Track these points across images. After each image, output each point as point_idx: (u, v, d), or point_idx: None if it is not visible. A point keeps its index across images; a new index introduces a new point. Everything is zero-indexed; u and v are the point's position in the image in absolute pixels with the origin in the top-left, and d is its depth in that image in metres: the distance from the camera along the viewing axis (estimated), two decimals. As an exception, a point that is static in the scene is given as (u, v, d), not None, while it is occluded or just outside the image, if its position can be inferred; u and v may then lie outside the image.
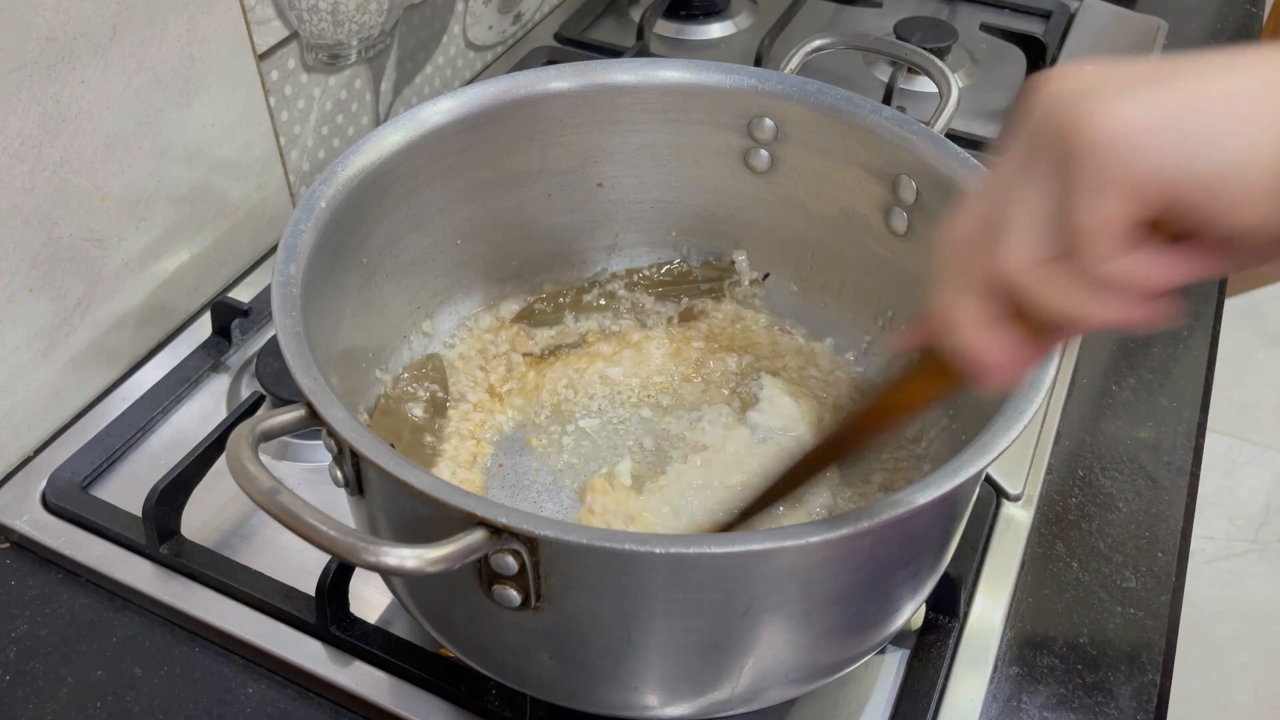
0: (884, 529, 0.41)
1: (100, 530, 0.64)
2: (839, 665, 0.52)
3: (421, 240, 0.63)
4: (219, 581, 0.61)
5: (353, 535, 0.40)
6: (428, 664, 0.57)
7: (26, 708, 0.57)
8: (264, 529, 0.65)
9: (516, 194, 0.66)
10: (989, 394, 0.43)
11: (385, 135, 0.58)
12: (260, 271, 0.84)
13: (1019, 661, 0.59)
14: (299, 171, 0.85)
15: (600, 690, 0.50)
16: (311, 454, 0.69)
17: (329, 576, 0.57)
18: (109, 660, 0.59)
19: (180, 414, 0.72)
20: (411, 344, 0.66)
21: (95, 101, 0.66)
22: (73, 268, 0.69)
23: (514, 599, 0.44)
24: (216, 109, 0.75)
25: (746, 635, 0.45)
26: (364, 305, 0.60)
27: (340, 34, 0.84)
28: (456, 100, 0.61)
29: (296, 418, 0.46)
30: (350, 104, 0.89)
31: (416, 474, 0.42)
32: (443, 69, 1.00)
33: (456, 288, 0.68)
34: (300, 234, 0.52)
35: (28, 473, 0.68)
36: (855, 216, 0.64)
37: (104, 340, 0.73)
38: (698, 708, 0.50)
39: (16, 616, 0.61)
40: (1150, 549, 0.65)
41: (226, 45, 0.74)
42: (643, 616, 0.44)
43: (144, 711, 0.57)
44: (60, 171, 0.65)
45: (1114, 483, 0.69)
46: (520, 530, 0.40)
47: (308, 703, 0.57)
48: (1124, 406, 0.74)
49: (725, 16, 1.12)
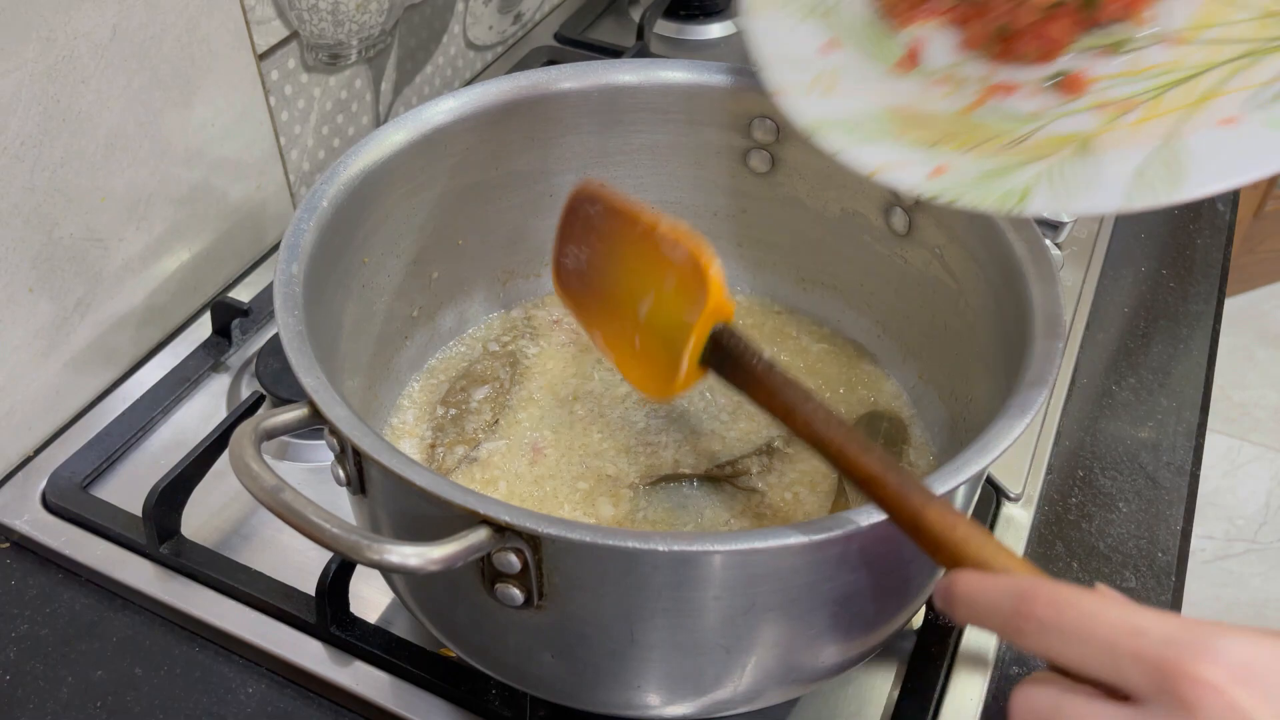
0: (886, 528, 0.41)
1: (100, 530, 0.64)
2: (840, 665, 0.52)
3: (423, 240, 0.63)
4: (219, 581, 0.61)
5: (356, 533, 0.40)
6: (428, 664, 0.57)
7: (26, 708, 0.57)
8: (264, 529, 0.65)
9: (518, 194, 0.66)
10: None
11: (388, 135, 0.58)
12: (260, 271, 0.84)
13: (1019, 661, 0.59)
14: (299, 171, 0.85)
15: (602, 689, 0.50)
16: (312, 454, 0.69)
17: (329, 576, 0.57)
18: (109, 660, 0.59)
19: (180, 414, 0.72)
20: (412, 344, 0.66)
21: (95, 101, 0.66)
22: (73, 268, 0.68)
23: (516, 597, 0.44)
24: (216, 109, 0.75)
25: (749, 634, 0.45)
26: (365, 305, 0.60)
27: (340, 34, 0.84)
28: (459, 100, 0.61)
29: (299, 416, 0.46)
30: (350, 104, 0.89)
31: (419, 472, 0.42)
32: (443, 69, 1.00)
33: (458, 288, 0.68)
34: (302, 233, 0.52)
35: (28, 473, 0.68)
36: (855, 216, 0.64)
37: (104, 340, 0.73)
38: (699, 707, 0.50)
39: (16, 616, 0.61)
40: (1150, 549, 0.65)
41: (226, 45, 0.74)
42: (645, 615, 0.44)
43: (144, 711, 0.57)
44: (60, 171, 0.65)
45: (1114, 483, 0.69)
46: (523, 528, 0.40)
47: (308, 703, 0.57)
48: (1124, 406, 0.74)
49: (725, 16, 1.12)
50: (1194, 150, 0.47)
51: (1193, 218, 0.91)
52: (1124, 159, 0.48)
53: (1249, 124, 0.46)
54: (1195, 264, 0.86)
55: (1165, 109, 0.49)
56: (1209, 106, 0.48)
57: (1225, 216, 0.91)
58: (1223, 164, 0.45)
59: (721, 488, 0.60)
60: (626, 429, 0.64)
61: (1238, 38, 0.50)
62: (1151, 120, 0.49)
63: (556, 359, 0.68)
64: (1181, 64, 0.51)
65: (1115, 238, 0.87)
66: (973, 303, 0.58)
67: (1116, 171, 0.47)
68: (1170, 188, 0.45)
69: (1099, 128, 0.50)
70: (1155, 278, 0.85)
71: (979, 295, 0.57)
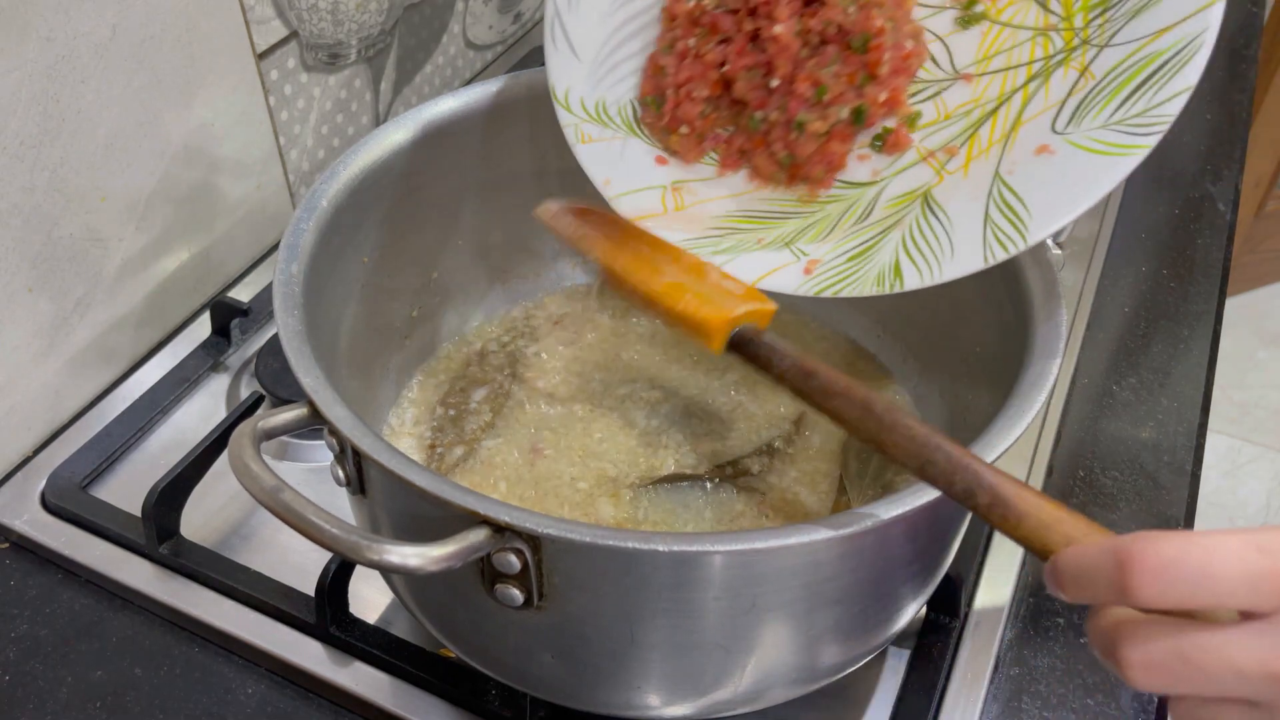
0: (886, 528, 0.41)
1: (100, 530, 0.64)
2: (841, 665, 0.52)
3: (423, 240, 0.63)
4: (218, 581, 0.61)
5: (356, 533, 0.40)
6: (428, 664, 0.57)
7: (26, 708, 0.56)
8: (263, 529, 0.65)
9: (518, 193, 0.66)
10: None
11: (387, 134, 0.58)
12: (259, 271, 0.84)
13: (1019, 662, 0.59)
14: (299, 171, 0.85)
15: (602, 690, 0.50)
16: (311, 454, 0.69)
17: (329, 576, 0.57)
18: (108, 660, 0.59)
19: (180, 414, 0.72)
20: (412, 344, 0.66)
21: (95, 101, 0.66)
22: (73, 268, 0.68)
23: (516, 598, 0.44)
24: (216, 109, 0.75)
25: (749, 635, 0.45)
26: (365, 305, 0.60)
27: (340, 33, 0.84)
28: (459, 100, 0.61)
29: (298, 416, 0.46)
30: (350, 103, 0.89)
31: (418, 472, 0.41)
32: (443, 69, 1.00)
33: (458, 288, 0.67)
34: (302, 233, 0.52)
35: (27, 473, 0.68)
36: (856, 216, 0.64)
37: (104, 340, 0.73)
38: (700, 708, 0.50)
39: (16, 616, 0.61)
40: (1151, 549, 0.65)
41: (226, 45, 0.74)
42: (645, 615, 0.44)
43: (143, 711, 0.57)
44: (60, 171, 0.65)
45: (1115, 483, 0.69)
46: (523, 529, 0.40)
47: (307, 703, 0.57)
48: (1125, 406, 0.74)
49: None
50: (1023, 190, 0.48)
51: (1193, 217, 0.91)
52: (967, 213, 0.49)
53: (1062, 150, 0.48)
54: (1196, 264, 0.86)
55: (981, 148, 0.51)
56: (1019, 137, 0.50)
57: (1226, 216, 0.91)
58: (1054, 198, 0.47)
59: (721, 488, 0.60)
60: (626, 429, 0.63)
61: (1023, 60, 0.52)
62: (975, 161, 0.51)
63: (556, 359, 0.68)
64: (982, 98, 0.53)
65: (1115, 237, 0.87)
66: (973, 302, 0.58)
67: (966, 229, 0.49)
68: (1018, 235, 0.47)
69: (932, 179, 0.52)
70: (1156, 277, 0.85)
71: (979, 295, 0.57)
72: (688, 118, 0.55)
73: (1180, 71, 0.45)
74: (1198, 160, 0.97)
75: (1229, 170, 0.96)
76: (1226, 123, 1.02)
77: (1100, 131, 0.47)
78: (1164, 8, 0.47)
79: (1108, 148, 0.46)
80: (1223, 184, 0.94)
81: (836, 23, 0.52)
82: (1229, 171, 0.96)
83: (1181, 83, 0.45)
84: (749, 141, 0.55)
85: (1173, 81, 0.45)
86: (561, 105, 0.57)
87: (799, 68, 0.52)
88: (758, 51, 0.53)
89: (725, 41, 0.54)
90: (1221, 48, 1.13)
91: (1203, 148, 0.98)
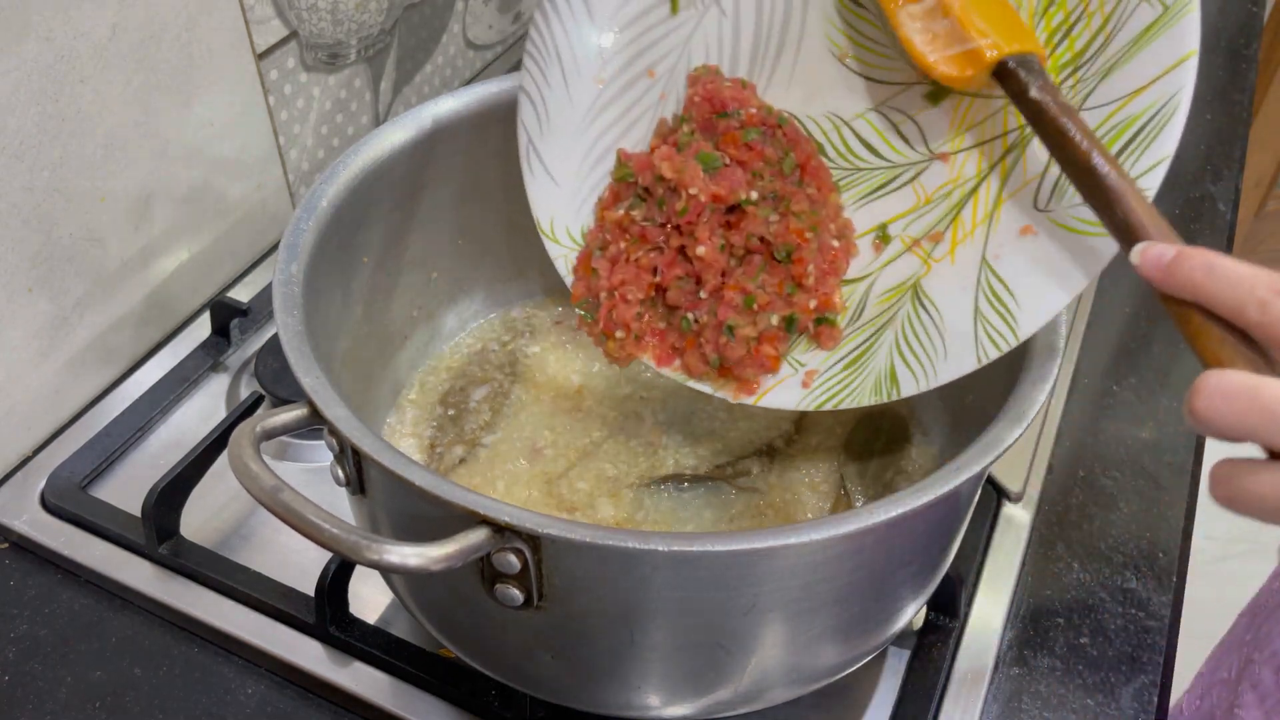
0: (886, 528, 0.41)
1: (99, 530, 0.64)
2: (841, 666, 0.52)
3: (423, 240, 0.63)
4: (218, 582, 0.61)
5: (356, 533, 0.40)
6: (427, 664, 0.57)
7: (26, 708, 0.56)
8: (263, 529, 0.65)
9: (518, 193, 0.66)
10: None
11: (387, 134, 0.58)
12: (259, 271, 0.84)
13: (1019, 662, 0.59)
14: (298, 171, 0.85)
15: (602, 690, 0.50)
16: (311, 454, 0.69)
17: (328, 577, 0.57)
18: (108, 660, 0.59)
19: (180, 414, 0.72)
20: (412, 344, 0.66)
21: (94, 101, 0.66)
22: (72, 268, 0.68)
23: (516, 598, 0.43)
24: (216, 109, 0.75)
25: (749, 635, 0.45)
26: (365, 305, 0.60)
27: (340, 33, 0.84)
28: (459, 100, 0.61)
29: (298, 416, 0.46)
30: (350, 103, 0.89)
31: (418, 472, 0.41)
32: (442, 68, 1.00)
33: (458, 288, 0.67)
34: (302, 233, 0.52)
35: (27, 473, 0.68)
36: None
37: (103, 340, 0.73)
38: (699, 708, 0.50)
39: (16, 616, 0.61)
40: (1151, 549, 0.65)
41: (226, 45, 0.74)
42: (645, 615, 0.44)
43: (143, 711, 0.57)
44: (60, 171, 0.65)
45: (1115, 483, 0.69)
46: (523, 528, 0.40)
47: (307, 703, 0.57)
48: (1125, 406, 0.74)
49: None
50: (1010, 278, 0.48)
51: (1193, 217, 0.91)
52: (958, 306, 0.49)
53: (1045, 229, 0.47)
54: (1196, 264, 0.86)
55: (966, 231, 0.51)
56: (1002, 218, 0.49)
57: (1226, 216, 0.91)
58: (1041, 286, 0.47)
59: (721, 488, 0.60)
60: (626, 429, 0.63)
61: (997, 132, 0.51)
62: (960, 245, 0.50)
63: (556, 359, 0.68)
64: (959, 177, 0.52)
65: (1116, 238, 0.87)
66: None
67: (958, 326, 0.49)
68: (1009, 331, 0.47)
69: (920, 269, 0.52)
70: (1156, 278, 0.84)
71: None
72: (623, 321, 0.54)
73: (1157, 138, 0.44)
74: (1198, 160, 0.97)
75: (1229, 170, 0.96)
76: (1226, 123, 1.02)
77: (1081, 209, 0.45)
78: (1136, 64, 0.46)
79: (1089, 226, 0.46)
80: (1223, 184, 0.94)
81: (759, 234, 0.52)
82: (1229, 171, 0.96)
83: (1159, 151, 0.44)
84: (681, 340, 0.54)
85: (1151, 149, 0.45)
86: (549, 238, 0.57)
87: (728, 277, 0.52)
88: (686, 263, 0.53)
89: (657, 249, 0.54)
90: (1221, 48, 1.13)
91: (1203, 148, 0.98)
